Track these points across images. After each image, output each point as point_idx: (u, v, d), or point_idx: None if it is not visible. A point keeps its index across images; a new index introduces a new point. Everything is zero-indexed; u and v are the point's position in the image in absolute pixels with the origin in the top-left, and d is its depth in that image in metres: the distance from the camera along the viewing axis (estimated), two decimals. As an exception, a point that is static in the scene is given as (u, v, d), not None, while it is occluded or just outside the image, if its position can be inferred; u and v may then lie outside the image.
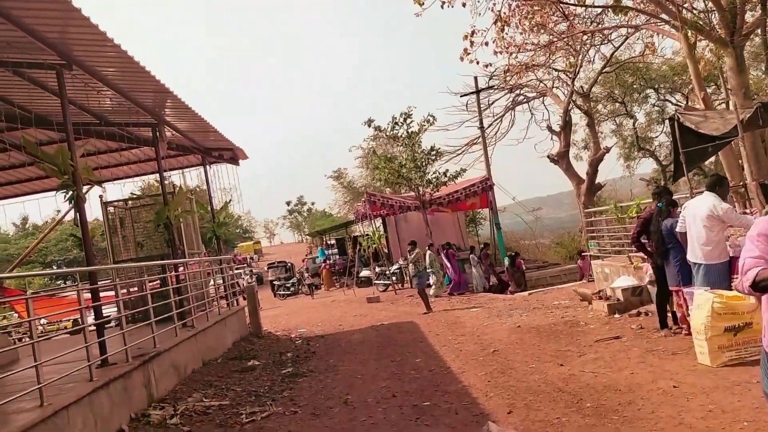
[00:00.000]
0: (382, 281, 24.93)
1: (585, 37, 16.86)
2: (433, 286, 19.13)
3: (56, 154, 7.52)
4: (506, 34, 14.32)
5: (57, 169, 7.62)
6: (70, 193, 7.66)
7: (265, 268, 37.19)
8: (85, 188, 15.64)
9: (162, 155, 11.51)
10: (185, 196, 12.18)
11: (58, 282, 38.80)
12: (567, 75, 25.63)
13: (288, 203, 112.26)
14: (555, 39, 15.46)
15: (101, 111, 11.31)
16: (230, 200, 16.52)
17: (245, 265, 60.06)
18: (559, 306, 13.47)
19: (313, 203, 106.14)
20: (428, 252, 19.67)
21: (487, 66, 13.37)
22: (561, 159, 25.98)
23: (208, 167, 16.27)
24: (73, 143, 7.83)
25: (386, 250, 29.87)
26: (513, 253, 23.17)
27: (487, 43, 13.31)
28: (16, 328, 18.20)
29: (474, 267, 20.54)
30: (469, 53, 12.95)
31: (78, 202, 7.77)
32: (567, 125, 25.53)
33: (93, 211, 15.07)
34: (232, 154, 16.17)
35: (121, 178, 16.26)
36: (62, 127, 8.13)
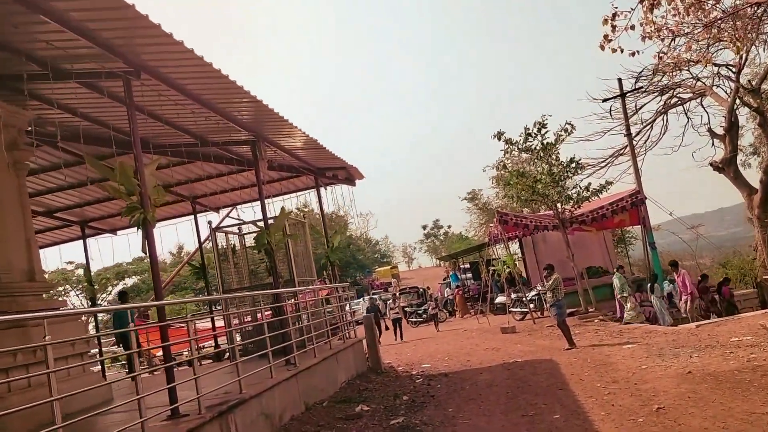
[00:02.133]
0: (518, 308, 22.66)
1: (759, 9, 13.88)
2: (631, 312, 16.93)
3: (117, 171, 6.60)
4: (656, 16, 11.79)
5: (122, 189, 6.70)
6: (136, 216, 6.67)
7: (397, 294, 35.98)
8: (201, 216, 15.55)
9: (263, 173, 10.53)
10: (285, 217, 11.11)
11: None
12: (730, 69, 22.05)
13: (424, 227, 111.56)
14: (719, 19, 12.70)
15: (200, 131, 10.60)
16: (347, 222, 15.35)
17: (382, 290, 59.80)
18: (741, 344, 10.70)
19: (449, 226, 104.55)
20: (617, 274, 17.38)
21: (633, 54, 10.94)
22: (727, 166, 22.29)
23: (322, 189, 15.33)
24: (141, 158, 6.89)
25: (523, 275, 27.47)
26: (722, 278, 20.04)
27: (633, 27, 10.99)
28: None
29: (656, 298, 17.44)
30: (611, 40, 10.72)
31: (146, 227, 6.79)
32: (733, 127, 21.87)
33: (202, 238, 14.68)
34: (346, 174, 15.08)
35: (229, 206, 15.78)
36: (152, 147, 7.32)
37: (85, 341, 9.16)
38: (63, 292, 46.69)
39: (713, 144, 24.83)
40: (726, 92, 22.85)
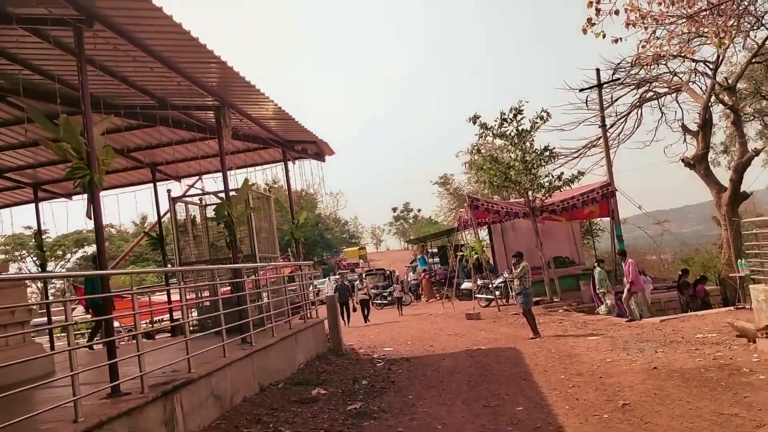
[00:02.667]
0: (484, 295, 22.53)
1: (741, 4, 13.72)
2: (603, 308, 16.82)
3: (61, 126, 6.01)
4: (640, 2, 11.54)
5: (67, 148, 6.12)
6: (82, 177, 6.12)
7: (364, 275, 35.63)
8: (162, 185, 14.87)
9: (226, 142, 9.97)
10: (248, 190, 10.59)
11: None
12: (707, 66, 22.03)
13: (394, 209, 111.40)
14: (703, 10, 12.48)
15: (163, 93, 9.97)
16: (316, 201, 14.83)
17: (348, 271, 59.40)
18: (706, 341, 10.60)
19: (419, 210, 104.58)
20: (598, 269, 17.25)
21: (616, 41, 10.63)
22: (698, 163, 22.32)
23: (291, 163, 14.80)
24: (90, 116, 6.31)
25: (490, 261, 27.37)
26: (699, 276, 19.95)
27: (617, 12, 10.69)
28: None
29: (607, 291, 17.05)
30: (594, 23, 10.41)
31: (92, 190, 6.23)
32: (706, 124, 21.87)
33: (163, 208, 14.06)
34: (316, 149, 14.57)
35: (193, 175, 15.14)
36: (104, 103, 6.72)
37: (27, 309, 8.57)
38: (19, 258, 45.33)
39: (685, 140, 24.92)
40: (702, 89, 22.87)
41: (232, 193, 10.19)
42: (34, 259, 46.60)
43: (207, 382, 7.43)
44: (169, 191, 12.60)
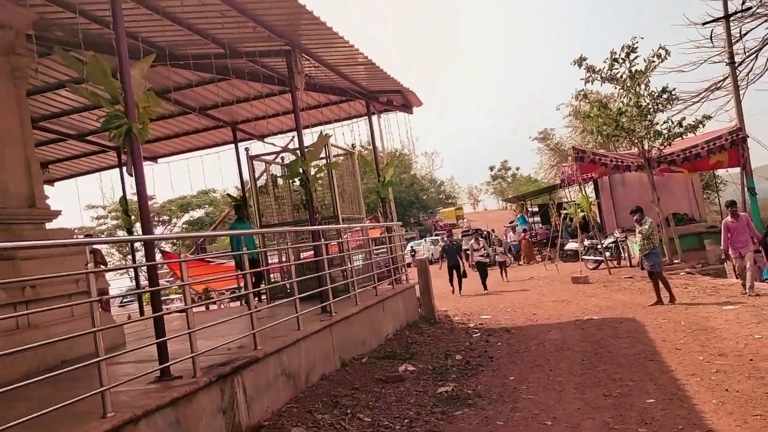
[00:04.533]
0: (592, 257, 20.65)
1: None
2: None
3: (87, 65, 5.12)
4: None
5: (99, 92, 5.25)
6: (118, 128, 5.23)
7: (459, 237, 34.27)
8: (244, 144, 14.17)
9: (299, 90, 8.92)
10: (325, 143, 9.53)
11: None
12: None
13: (491, 168, 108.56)
14: None
15: (227, 39, 9.03)
16: (399, 153, 13.61)
17: (445, 232, 58.25)
18: None
19: (517, 168, 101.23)
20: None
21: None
22: None
23: (377, 116, 13.65)
24: (125, 54, 5.39)
25: (598, 220, 25.21)
26: None
27: None
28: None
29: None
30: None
31: (131, 143, 5.34)
32: None
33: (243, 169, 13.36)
34: (402, 100, 13.30)
35: (275, 134, 14.30)
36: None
37: (74, 281, 8.02)
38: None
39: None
40: None
41: (308, 150, 9.19)
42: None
43: (276, 360, 6.54)
44: (246, 149, 11.82)
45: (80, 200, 20.17)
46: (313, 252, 10.22)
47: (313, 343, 7.52)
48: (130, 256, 23.49)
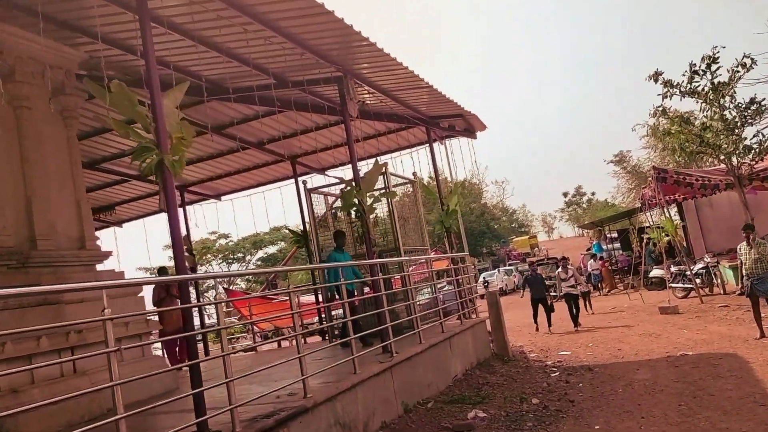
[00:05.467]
0: (680, 284, 19.06)
1: None
2: None
3: (114, 97, 4.81)
4: None
5: (124, 123, 4.93)
6: (149, 159, 4.89)
7: (569, 263, 32.78)
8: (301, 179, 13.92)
9: (352, 115, 8.49)
10: (380, 172, 9.03)
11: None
12: None
13: (565, 194, 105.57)
14: None
15: (275, 68, 8.75)
16: (467, 181, 12.93)
17: (519, 261, 56.41)
18: None
19: (593, 193, 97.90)
20: None
21: None
22: None
23: (438, 143, 13.10)
24: (156, 80, 5.07)
25: (684, 244, 23.49)
26: None
27: None
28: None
29: None
30: None
31: (163, 176, 4.98)
32: None
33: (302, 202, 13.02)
34: (465, 124, 12.71)
35: (335, 166, 13.96)
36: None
37: (144, 320, 7.77)
38: (205, 262, 48.71)
39: None
40: None
41: (363, 179, 8.71)
42: (219, 262, 49.99)
43: (329, 409, 5.96)
44: (304, 182, 11.53)
45: (147, 240, 20.43)
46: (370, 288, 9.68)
47: (371, 387, 6.90)
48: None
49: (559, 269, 16.73)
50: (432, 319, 10.19)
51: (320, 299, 12.24)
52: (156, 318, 9.40)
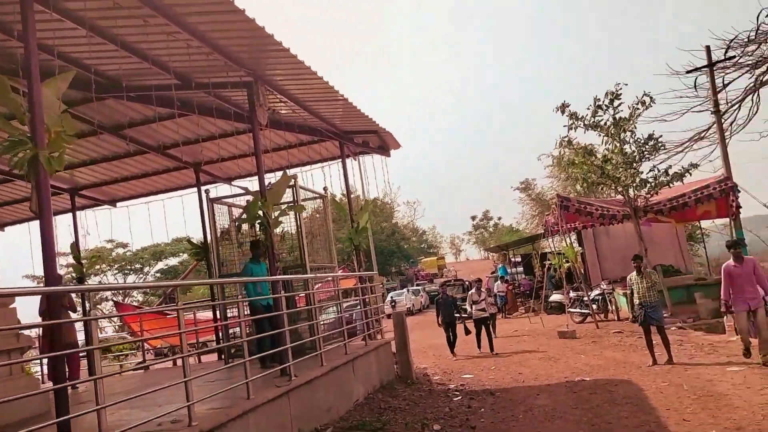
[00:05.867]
0: (578, 309, 19.73)
1: None
2: None
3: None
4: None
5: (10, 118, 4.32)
6: (21, 154, 4.29)
7: (438, 287, 33.24)
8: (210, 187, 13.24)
9: (261, 122, 8.07)
10: (287, 183, 8.64)
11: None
12: None
13: (473, 218, 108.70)
14: None
15: (182, 67, 8.20)
16: (381, 201, 12.72)
17: (427, 281, 56.98)
18: None
19: (499, 218, 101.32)
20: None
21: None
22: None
23: (351, 158, 12.85)
24: (35, 69, 4.49)
25: (582, 271, 24.42)
26: None
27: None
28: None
29: None
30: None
31: (37, 174, 4.39)
32: None
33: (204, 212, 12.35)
34: (379, 141, 12.54)
35: (244, 176, 13.42)
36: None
37: (14, 335, 6.94)
38: (99, 272, 45.85)
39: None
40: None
41: (269, 191, 8.28)
42: (114, 273, 47.15)
43: (214, 441, 5.46)
44: (207, 191, 10.92)
45: (32, 246, 18.77)
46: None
47: (265, 413, 6.44)
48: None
49: (473, 290, 15.71)
50: (336, 340, 9.84)
51: (218, 316, 11.57)
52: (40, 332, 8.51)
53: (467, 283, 35.58)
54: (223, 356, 11.03)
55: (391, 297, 36.98)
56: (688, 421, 6.73)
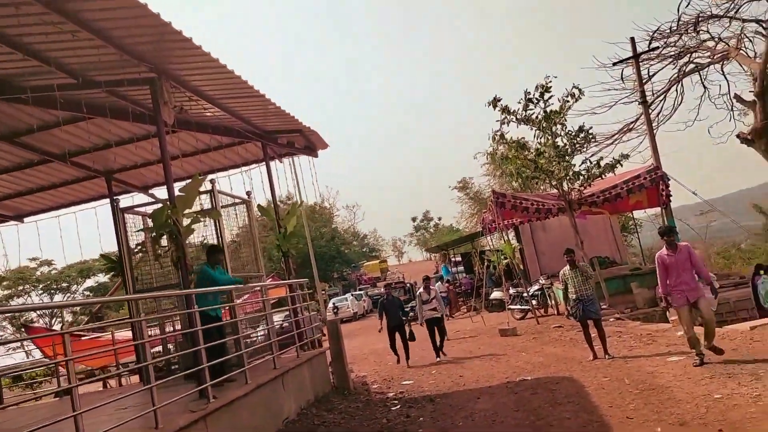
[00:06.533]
0: (518, 306, 19.65)
1: None
2: None
3: None
4: None
5: None
6: None
7: (382, 290, 32.83)
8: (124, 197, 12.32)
9: (167, 123, 7.36)
10: (198, 187, 7.94)
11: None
12: (761, 25, 19.03)
13: (414, 219, 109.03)
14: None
15: (79, 65, 7.40)
16: (301, 202, 12.09)
17: (370, 285, 56.48)
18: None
19: (439, 218, 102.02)
20: (765, 278, 13.69)
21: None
22: (758, 138, 19.23)
23: (277, 160, 12.20)
24: None
25: (521, 267, 24.46)
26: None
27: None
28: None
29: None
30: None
31: None
32: (766, 91, 18.80)
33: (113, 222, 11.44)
34: (305, 141, 11.93)
35: (154, 185, 12.56)
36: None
37: None
38: (22, 293, 43.29)
39: (733, 117, 21.90)
40: (756, 53, 19.82)
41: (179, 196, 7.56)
42: (39, 293, 44.53)
43: (114, 480, 4.76)
44: (117, 200, 10.07)
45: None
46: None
47: (177, 444, 5.74)
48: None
49: (421, 290, 14.24)
50: (264, 354, 9.18)
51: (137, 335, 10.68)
52: None
53: (409, 285, 35.30)
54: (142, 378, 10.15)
55: (333, 303, 36.35)
56: (632, 419, 6.43)
